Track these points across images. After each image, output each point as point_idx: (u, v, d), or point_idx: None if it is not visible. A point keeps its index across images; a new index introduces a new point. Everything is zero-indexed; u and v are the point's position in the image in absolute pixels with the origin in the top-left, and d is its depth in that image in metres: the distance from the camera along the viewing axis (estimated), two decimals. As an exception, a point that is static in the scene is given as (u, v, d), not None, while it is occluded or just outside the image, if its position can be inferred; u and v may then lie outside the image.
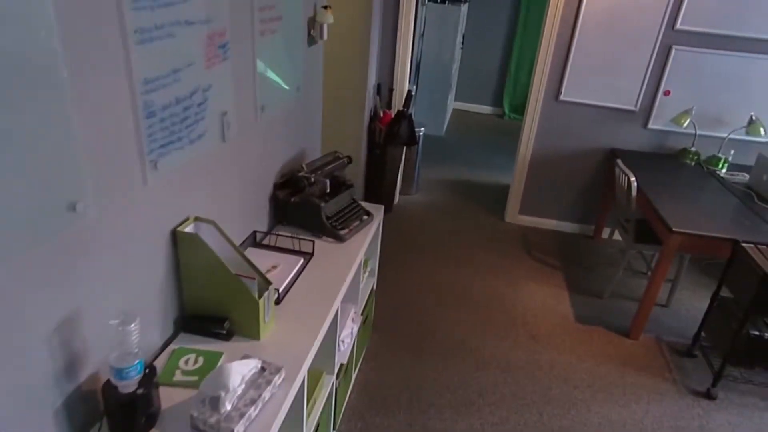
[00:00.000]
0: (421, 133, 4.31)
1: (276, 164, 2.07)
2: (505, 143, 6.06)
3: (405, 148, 4.10)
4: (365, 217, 2.23)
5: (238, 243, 1.84)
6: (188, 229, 1.41)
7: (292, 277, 1.79)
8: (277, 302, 1.65)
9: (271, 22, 1.75)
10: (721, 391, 2.65)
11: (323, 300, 1.71)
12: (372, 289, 2.57)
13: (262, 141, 1.89)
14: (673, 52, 3.39)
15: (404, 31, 3.69)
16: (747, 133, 3.41)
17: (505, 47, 6.71)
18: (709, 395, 2.61)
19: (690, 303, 3.38)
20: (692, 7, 3.26)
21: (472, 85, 7.01)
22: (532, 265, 3.62)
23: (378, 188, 3.99)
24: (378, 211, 2.34)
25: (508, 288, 3.34)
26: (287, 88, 2.03)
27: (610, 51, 3.46)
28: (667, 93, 3.50)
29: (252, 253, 1.88)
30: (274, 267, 1.81)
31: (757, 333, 2.45)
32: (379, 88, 3.84)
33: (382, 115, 3.81)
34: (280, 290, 1.69)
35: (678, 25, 3.32)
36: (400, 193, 4.42)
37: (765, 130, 3.32)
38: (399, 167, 4.08)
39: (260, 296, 1.45)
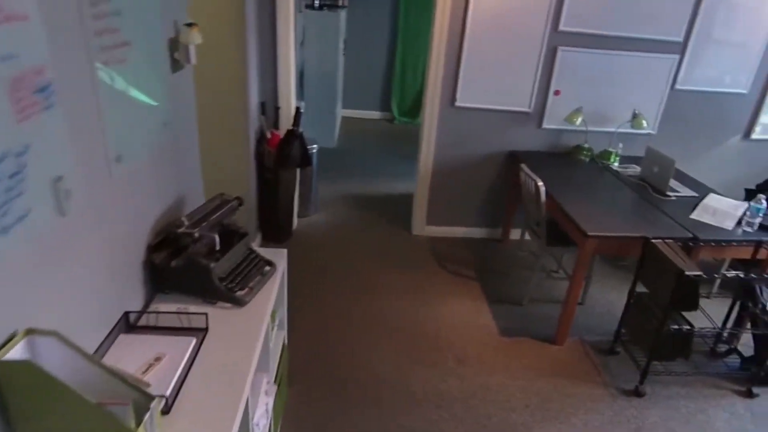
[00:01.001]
0: (314, 151, 4.00)
1: (146, 223, 1.66)
2: (400, 148, 5.93)
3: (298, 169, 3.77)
4: (267, 269, 1.88)
5: (104, 334, 1.42)
6: (16, 352, 0.99)
7: (184, 367, 1.40)
8: (167, 411, 1.27)
9: (117, 49, 1.35)
10: (648, 386, 2.67)
11: (228, 386, 1.36)
12: (283, 344, 2.22)
13: (122, 199, 1.47)
14: (559, 53, 3.42)
15: (284, 43, 3.35)
16: (632, 127, 3.54)
17: (389, 50, 6.61)
18: (638, 393, 2.61)
19: (602, 297, 3.43)
20: (572, 10, 3.33)
21: (358, 92, 6.84)
22: (447, 279, 3.47)
23: (273, 216, 3.62)
24: (281, 257, 2.00)
25: (426, 308, 3.15)
26: (150, 126, 1.62)
27: (501, 55, 3.41)
28: (557, 93, 3.53)
29: (125, 343, 1.46)
30: (158, 359, 1.41)
31: (676, 327, 2.47)
32: (263, 108, 3.46)
33: (269, 136, 3.44)
34: (168, 393, 1.30)
35: (561, 27, 3.36)
36: (298, 217, 4.07)
37: (647, 123, 3.46)
38: (294, 190, 3.73)
39: (140, 420, 1.07)
